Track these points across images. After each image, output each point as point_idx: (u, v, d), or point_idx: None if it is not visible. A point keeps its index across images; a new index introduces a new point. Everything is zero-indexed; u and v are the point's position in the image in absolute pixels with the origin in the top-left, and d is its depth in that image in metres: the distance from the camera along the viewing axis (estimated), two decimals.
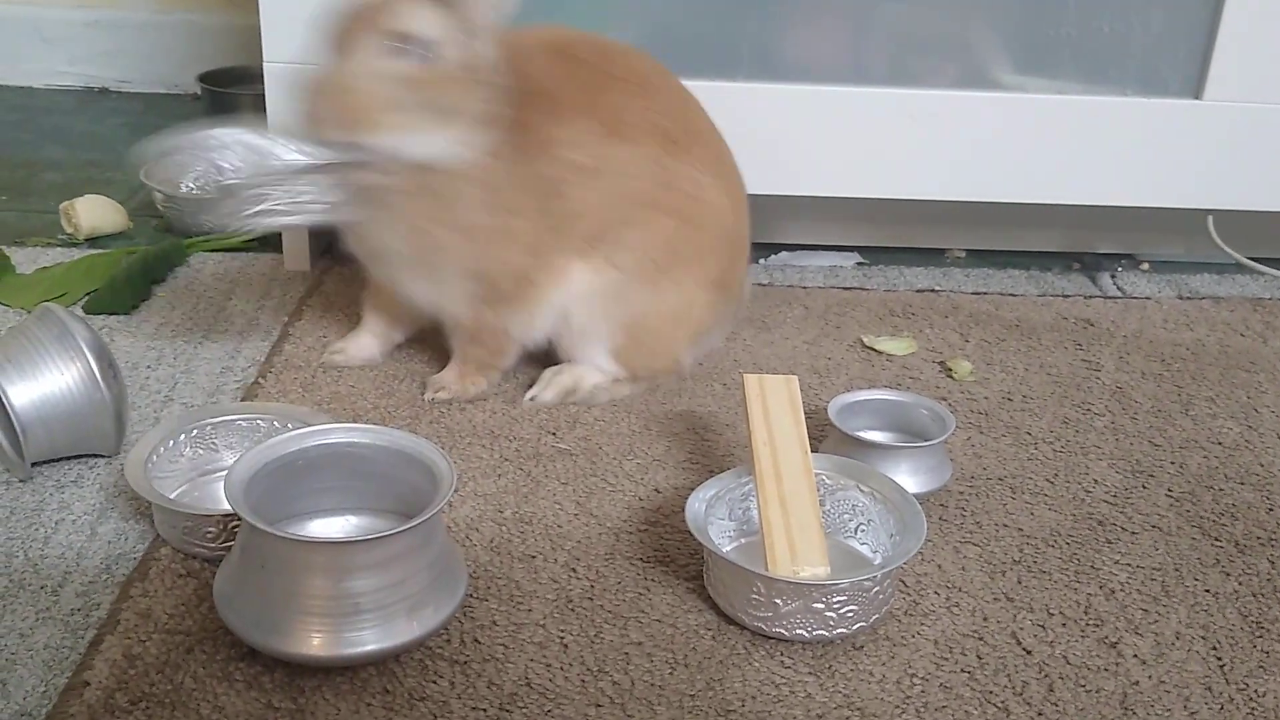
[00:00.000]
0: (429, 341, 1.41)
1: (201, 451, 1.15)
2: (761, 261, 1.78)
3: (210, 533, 1.02)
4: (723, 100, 1.41)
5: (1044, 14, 1.60)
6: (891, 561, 1.00)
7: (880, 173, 1.65)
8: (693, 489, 1.07)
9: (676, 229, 1.29)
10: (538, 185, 1.23)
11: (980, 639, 1.01)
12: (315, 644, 0.89)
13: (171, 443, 1.12)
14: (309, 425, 1.02)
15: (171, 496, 1.10)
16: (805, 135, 1.60)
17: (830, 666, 0.96)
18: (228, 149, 1.11)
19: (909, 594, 1.05)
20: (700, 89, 1.39)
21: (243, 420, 1.16)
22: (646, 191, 1.27)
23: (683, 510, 1.06)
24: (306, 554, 0.89)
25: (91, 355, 1.13)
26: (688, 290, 1.31)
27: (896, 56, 1.63)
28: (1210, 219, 1.71)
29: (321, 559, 0.89)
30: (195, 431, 1.14)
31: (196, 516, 1.02)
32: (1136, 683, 0.97)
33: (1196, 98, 1.62)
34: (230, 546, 1.00)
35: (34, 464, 1.16)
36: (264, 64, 1.53)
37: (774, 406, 1.10)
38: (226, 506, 1.04)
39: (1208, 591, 1.08)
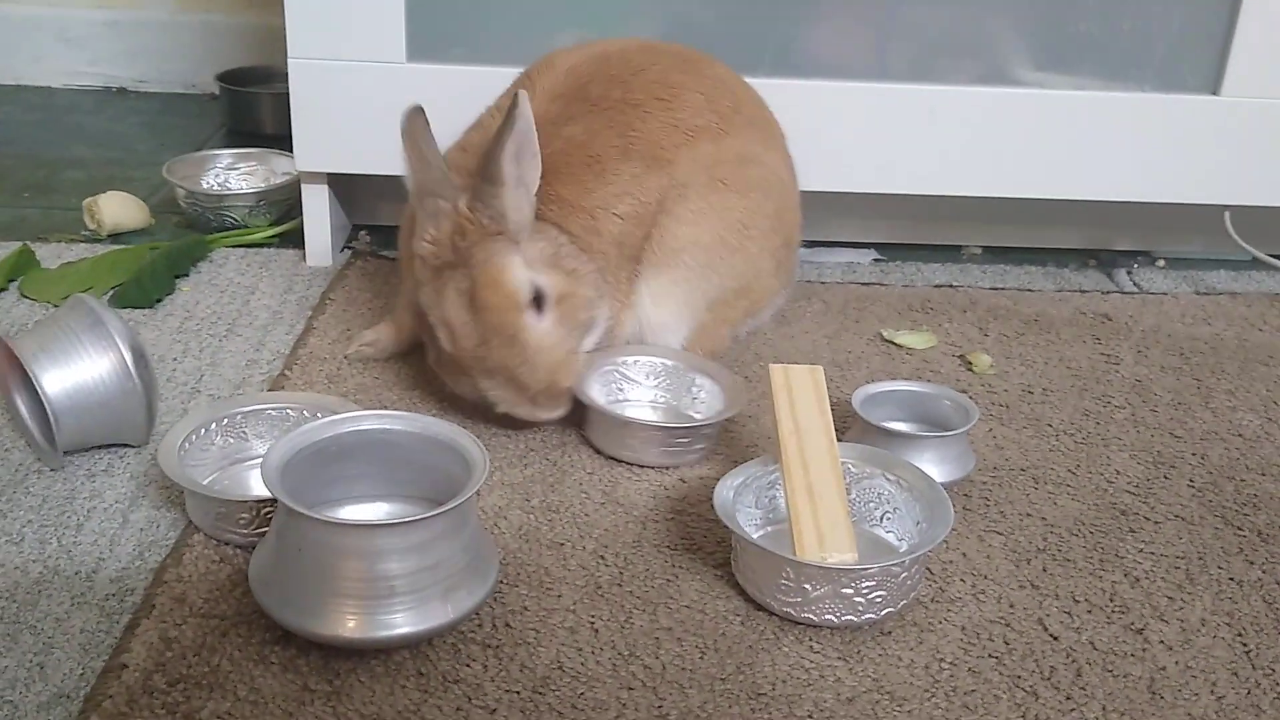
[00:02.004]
0: None
1: (232, 440, 1.16)
2: None
3: (243, 519, 1.03)
4: None
5: (1063, 11, 1.61)
6: (920, 547, 1.01)
7: (901, 168, 1.66)
8: (718, 479, 1.08)
9: (746, 204, 1.32)
10: (611, 244, 1.26)
11: (1007, 625, 1.01)
12: (350, 626, 0.90)
13: (203, 431, 1.13)
14: (338, 415, 1.03)
15: (203, 484, 1.11)
16: (827, 131, 1.61)
17: (859, 651, 0.97)
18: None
19: (935, 581, 1.06)
20: None
21: (272, 410, 1.17)
22: (702, 185, 1.30)
23: (707, 499, 1.07)
24: (343, 537, 0.90)
25: (124, 345, 1.15)
26: (755, 261, 1.34)
27: (917, 53, 1.64)
28: (1227, 215, 1.72)
29: (357, 542, 0.89)
30: (226, 420, 1.15)
31: (230, 503, 1.03)
32: (1163, 668, 0.97)
33: (1214, 94, 1.63)
34: (263, 533, 1.01)
35: (65, 453, 1.17)
36: (289, 60, 1.54)
37: (800, 396, 1.11)
38: (257, 493, 1.06)
39: (1232, 579, 1.09)
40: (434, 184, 1.16)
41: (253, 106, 2.28)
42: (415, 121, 1.16)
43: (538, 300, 1.17)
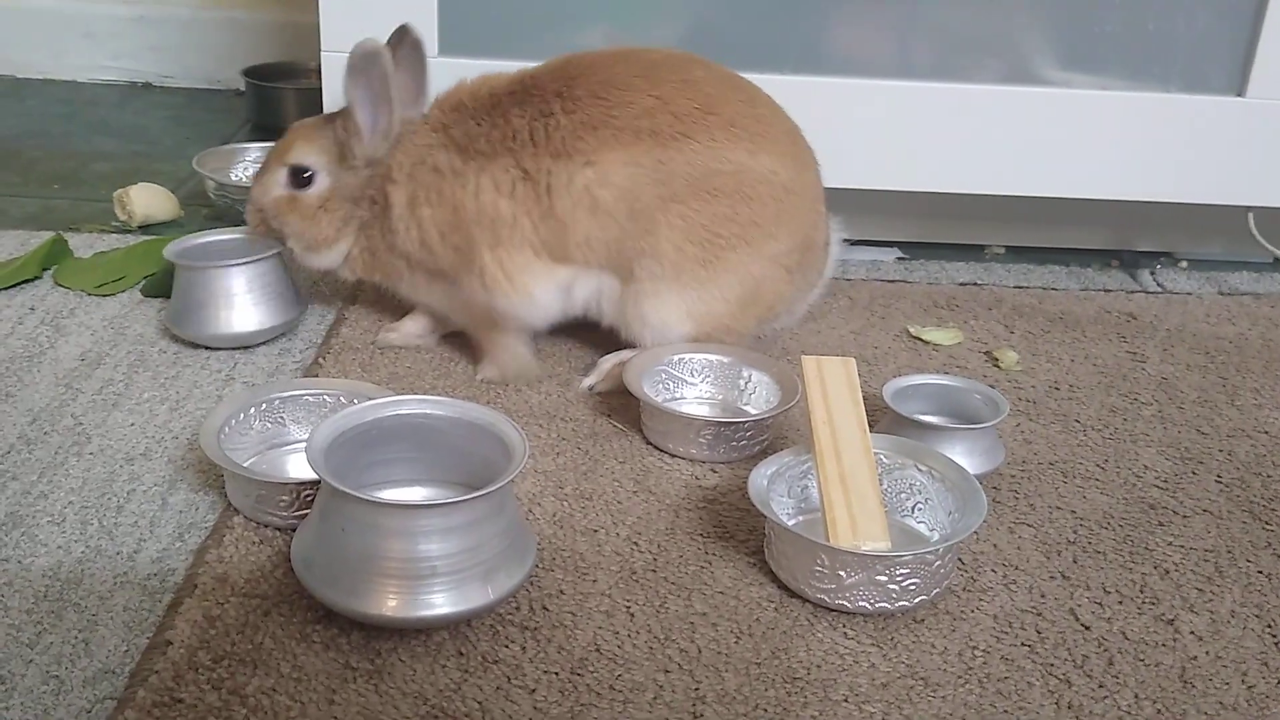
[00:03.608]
0: None
1: (270, 425, 1.17)
2: None
3: (283, 501, 1.04)
4: (769, 93, 1.42)
5: (1089, 11, 1.61)
6: (955, 535, 1.01)
7: (925, 166, 1.67)
8: (749, 469, 1.09)
9: (714, 212, 1.27)
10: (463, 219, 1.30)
11: (1039, 615, 1.02)
12: (392, 606, 0.91)
13: (241, 415, 1.15)
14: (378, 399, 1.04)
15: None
16: (851, 129, 1.62)
17: (892, 638, 0.98)
18: None
19: (966, 571, 1.07)
20: None
21: (310, 395, 1.18)
22: (653, 197, 1.26)
23: (739, 489, 1.08)
24: (386, 518, 0.91)
25: None
26: (754, 270, 1.30)
27: (942, 51, 1.65)
28: (1251, 215, 1.72)
29: (400, 523, 0.91)
30: (264, 406, 1.16)
31: (271, 485, 1.05)
32: (1194, 658, 0.98)
33: (1239, 95, 1.64)
34: (302, 515, 1.02)
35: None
36: (321, 53, 1.56)
37: (832, 387, 1.12)
38: (297, 476, 1.07)
39: (1260, 572, 1.09)
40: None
41: (278, 102, 2.29)
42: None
43: (302, 175, 1.35)
